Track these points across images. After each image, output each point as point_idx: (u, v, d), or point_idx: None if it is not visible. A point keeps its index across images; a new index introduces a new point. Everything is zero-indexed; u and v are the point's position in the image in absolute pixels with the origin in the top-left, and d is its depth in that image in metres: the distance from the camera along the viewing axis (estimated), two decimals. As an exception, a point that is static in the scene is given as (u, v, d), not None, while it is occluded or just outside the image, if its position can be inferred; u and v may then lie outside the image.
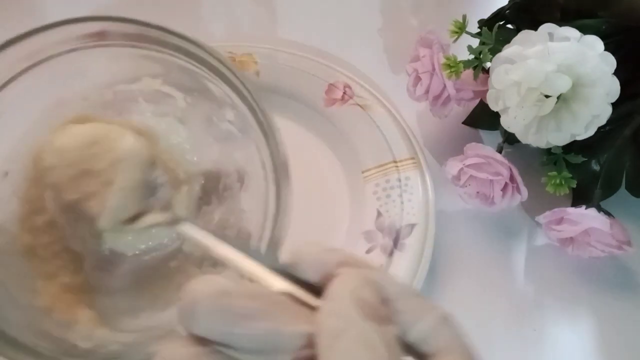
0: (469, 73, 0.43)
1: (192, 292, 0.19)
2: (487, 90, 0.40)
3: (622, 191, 0.44)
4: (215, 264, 0.30)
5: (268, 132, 0.29)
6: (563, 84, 0.37)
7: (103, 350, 0.28)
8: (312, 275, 0.21)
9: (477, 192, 0.43)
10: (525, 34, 0.39)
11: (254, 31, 0.59)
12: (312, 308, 0.20)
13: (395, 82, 0.52)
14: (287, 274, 0.21)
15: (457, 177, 0.43)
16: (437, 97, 0.46)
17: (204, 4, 0.61)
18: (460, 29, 0.43)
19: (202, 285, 0.19)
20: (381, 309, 0.19)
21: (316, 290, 0.20)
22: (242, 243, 0.32)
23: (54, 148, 0.31)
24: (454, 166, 0.43)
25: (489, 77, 0.40)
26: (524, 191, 0.42)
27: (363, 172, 0.46)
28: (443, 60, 0.43)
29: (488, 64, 0.41)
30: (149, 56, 0.32)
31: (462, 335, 0.20)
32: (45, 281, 0.31)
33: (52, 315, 0.30)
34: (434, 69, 0.44)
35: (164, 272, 0.33)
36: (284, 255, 0.21)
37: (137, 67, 0.34)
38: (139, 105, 0.36)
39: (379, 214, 0.43)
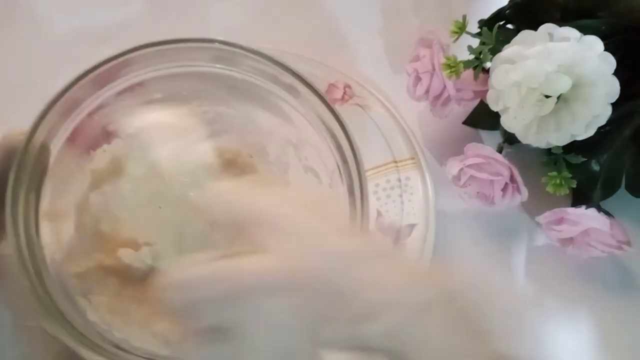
0: (469, 73, 0.43)
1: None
2: (487, 90, 0.40)
3: (622, 191, 0.44)
4: None
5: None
6: (563, 84, 0.37)
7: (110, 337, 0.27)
8: None
9: (477, 192, 0.43)
10: (525, 34, 0.39)
11: (254, 31, 0.59)
12: None
13: (395, 82, 0.52)
14: None
15: (457, 177, 0.43)
16: (437, 97, 0.46)
17: (205, 3, 0.61)
18: (460, 29, 0.43)
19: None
20: None
21: None
22: None
23: None
24: (454, 166, 0.43)
25: (489, 77, 0.40)
26: (524, 191, 0.42)
27: (363, 172, 0.46)
28: (443, 60, 0.43)
29: (488, 64, 0.41)
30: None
31: None
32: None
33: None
34: (434, 69, 0.44)
35: None
36: None
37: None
38: None
39: (379, 214, 0.43)
